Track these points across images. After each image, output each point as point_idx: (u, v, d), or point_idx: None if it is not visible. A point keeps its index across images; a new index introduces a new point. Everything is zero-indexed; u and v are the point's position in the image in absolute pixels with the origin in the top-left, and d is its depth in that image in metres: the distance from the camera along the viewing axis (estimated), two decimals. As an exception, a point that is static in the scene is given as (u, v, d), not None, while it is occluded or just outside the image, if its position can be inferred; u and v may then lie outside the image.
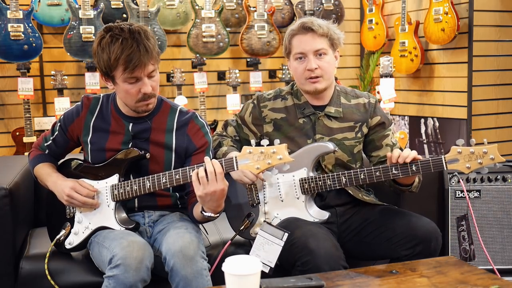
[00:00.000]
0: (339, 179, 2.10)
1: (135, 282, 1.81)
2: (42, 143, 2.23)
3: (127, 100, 2.04)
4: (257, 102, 2.29)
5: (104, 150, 2.11)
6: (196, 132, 2.13)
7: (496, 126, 4.07)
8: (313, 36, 2.15)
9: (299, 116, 2.24)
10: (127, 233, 2.01)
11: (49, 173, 2.15)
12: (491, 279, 1.67)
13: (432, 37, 4.05)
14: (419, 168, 1.99)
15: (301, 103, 2.25)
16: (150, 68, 1.96)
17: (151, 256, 1.91)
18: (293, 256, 1.96)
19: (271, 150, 1.81)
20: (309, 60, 2.15)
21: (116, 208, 2.07)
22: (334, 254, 1.94)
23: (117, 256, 1.83)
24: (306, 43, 2.16)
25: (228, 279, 1.42)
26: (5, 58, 3.73)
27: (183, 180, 1.96)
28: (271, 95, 2.30)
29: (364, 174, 2.07)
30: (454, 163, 1.94)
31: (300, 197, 2.15)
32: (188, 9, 4.16)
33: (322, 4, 4.48)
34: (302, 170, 2.14)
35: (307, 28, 2.15)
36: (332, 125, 2.23)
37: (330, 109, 2.23)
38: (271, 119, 2.25)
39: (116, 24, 1.98)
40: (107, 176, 2.09)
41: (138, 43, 1.92)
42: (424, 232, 2.05)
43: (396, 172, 2.01)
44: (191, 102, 4.30)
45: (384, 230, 2.11)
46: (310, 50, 2.15)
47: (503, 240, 2.74)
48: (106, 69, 1.96)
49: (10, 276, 2.15)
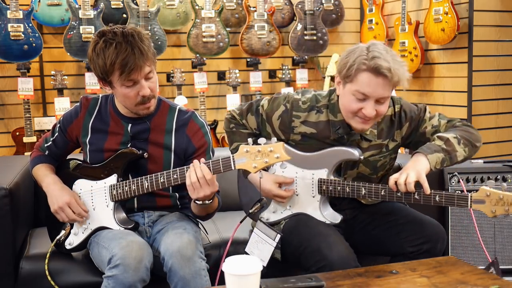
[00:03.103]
0: (359, 190, 2.04)
1: (134, 282, 1.81)
2: (42, 144, 2.24)
3: (126, 103, 2.04)
4: (290, 108, 2.11)
5: (102, 151, 2.11)
6: (195, 133, 2.13)
7: (496, 126, 4.07)
8: (385, 83, 1.91)
9: (333, 136, 2.09)
10: (126, 233, 2.01)
11: (45, 174, 2.16)
12: (491, 279, 1.67)
13: (432, 37, 4.05)
14: (442, 200, 1.92)
15: (337, 120, 2.07)
16: (146, 70, 1.95)
17: (150, 256, 1.91)
18: (306, 262, 1.98)
19: (268, 148, 1.78)
20: (369, 105, 1.94)
21: (115, 208, 2.07)
22: (347, 257, 1.95)
23: (116, 256, 1.83)
24: (375, 88, 1.91)
25: (228, 279, 1.42)
26: (5, 58, 3.73)
27: (181, 180, 1.95)
28: (307, 106, 2.11)
29: (385, 191, 2.00)
30: (480, 204, 1.88)
31: (315, 196, 2.13)
32: (188, 9, 4.16)
33: (322, 4, 4.48)
34: (323, 170, 2.11)
35: (381, 73, 1.89)
36: (362, 145, 2.12)
37: (367, 131, 2.09)
38: (299, 132, 2.11)
39: (109, 28, 1.97)
40: (105, 176, 2.09)
41: (133, 46, 1.90)
42: (433, 232, 2.07)
43: (418, 198, 1.94)
44: (191, 102, 4.30)
45: (393, 225, 2.12)
46: (375, 97, 1.93)
47: (503, 240, 2.74)
48: (103, 74, 1.96)
49: (10, 276, 2.15)
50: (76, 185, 2.14)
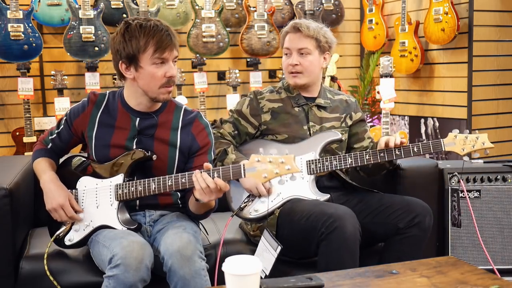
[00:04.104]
0: (345, 159, 2.26)
1: (135, 282, 1.81)
2: (47, 137, 2.25)
3: (150, 85, 2.05)
4: (253, 96, 2.44)
5: (108, 146, 2.12)
6: (200, 132, 2.16)
7: (496, 126, 4.07)
8: (300, 36, 2.37)
9: (294, 105, 2.42)
10: (127, 232, 2.01)
11: (44, 170, 2.17)
12: (491, 279, 1.67)
13: (432, 37, 4.05)
14: (419, 149, 2.21)
15: (294, 95, 2.44)
16: (175, 53, 2.06)
17: (151, 256, 1.91)
18: (314, 225, 2.07)
19: (279, 160, 1.83)
20: (292, 56, 2.38)
21: (119, 208, 2.07)
22: (350, 212, 2.08)
23: (117, 255, 1.83)
24: (293, 41, 2.39)
25: (228, 279, 1.42)
26: (5, 58, 3.73)
27: (189, 185, 1.98)
28: (266, 90, 2.48)
29: (369, 154, 2.25)
30: (451, 146, 2.21)
31: (305, 177, 2.29)
32: (188, 9, 4.16)
33: (322, 4, 4.48)
34: (310, 153, 2.31)
35: (296, 28, 2.38)
36: (322, 115, 2.43)
37: (320, 101, 2.45)
38: (268, 109, 2.41)
39: (135, 17, 2.08)
40: (111, 175, 2.10)
41: (167, 28, 2.04)
42: (420, 207, 2.22)
43: (398, 153, 2.22)
44: (191, 102, 4.30)
45: (382, 209, 2.25)
46: (294, 48, 2.38)
47: (503, 240, 2.74)
48: (134, 52, 2.00)
49: (10, 276, 2.15)
50: (81, 182, 2.14)
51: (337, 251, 2.01)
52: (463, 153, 2.20)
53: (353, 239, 2.03)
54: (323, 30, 2.40)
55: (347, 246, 2.01)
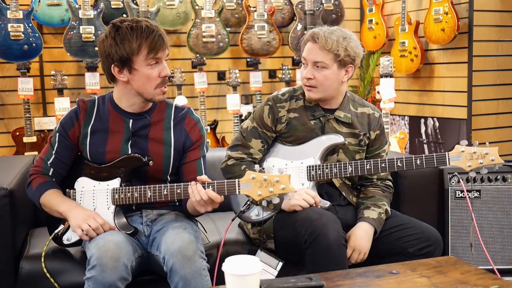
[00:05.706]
0: (346, 168, 2.17)
1: (113, 281, 1.80)
2: (43, 165, 2.14)
3: (146, 86, 2.05)
4: (273, 103, 2.29)
5: (104, 152, 2.11)
6: (192, 127, 2.17)
7: (496, 126, 4.07)
8: (317, 48, 2.18)
9: (310, 118, 2.27)
10: (108, 233, 1.99)
11: (63, 200, 2.08)
12: (491, 279, 1.67)
13: (432, 37, 4.05)
14: (423, 162, 2.10)
15: (312, 105, 2.27)
16: (167, 52, 2.06)
17: (129, 254, 1.90)
18: (299, 231, 2.03)
19: (274, 178, 1.84)
20: (307, 68, 2.22)
21: (115, 212, 2.07)
22: (334, 219, 2.04)
23: (93, 256, 1.84)
24: (310, 52, 2.20)
25: (228, 279, 1.42)
26: (5, 58, 3.73)
27: (184, 196, 2.00)
28: (286, 96, 2.31)
29: (370, 165, 2.16)
30: (457, 161, 2.08)
31: (305, 183, 2.21)
32: (188, 9, 4.16)
33: (322, 4, 4.48)
34: (311, 158, 2.23)
35: (314, 38, 2.19)
36: (340, 129, 2.27)
37: (340, 114, 2.27)
38: (285, 120, 2.27)
39: (120, 19, 2.05)
40: (108, 178, 2.09)
41: (157, 28, 2.03)
42: (434, 238, 2.15)
43: (400, 165, 2.13)
44: (191, 102, 4.30)
45: (395, 231, 2.18)
46: (310, 60, 2.20)
47: (503, 240, 2.74)
48: (128, 55, 1.99)
49: (10, 276, 2.15)
50: (79, 182, 2.14)
51: (323, 258, 1.96)
52: (469, 169, 2.08)
53: (337, 245, 1.97)
54: (346, 42, 2.18)
55: (331, 253, 1.96)
